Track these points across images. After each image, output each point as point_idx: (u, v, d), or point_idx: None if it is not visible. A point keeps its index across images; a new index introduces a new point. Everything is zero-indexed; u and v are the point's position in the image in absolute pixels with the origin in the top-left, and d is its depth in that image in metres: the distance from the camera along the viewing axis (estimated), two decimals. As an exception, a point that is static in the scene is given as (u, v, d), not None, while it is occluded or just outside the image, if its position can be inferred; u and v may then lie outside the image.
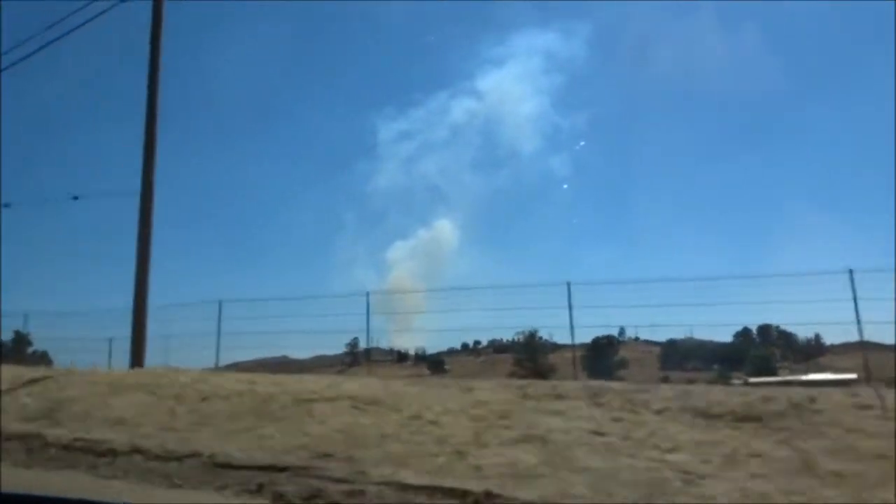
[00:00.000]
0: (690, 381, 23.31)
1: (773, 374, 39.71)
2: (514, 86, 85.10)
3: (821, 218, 78.32)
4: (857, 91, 74.89)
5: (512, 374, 35.19)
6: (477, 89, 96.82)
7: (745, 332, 51.48)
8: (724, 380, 34.04)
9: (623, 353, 52.46)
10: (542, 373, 35.87)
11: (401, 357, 67.32)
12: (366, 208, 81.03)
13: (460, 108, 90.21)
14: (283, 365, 27.58)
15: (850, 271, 13.99)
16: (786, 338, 52.46)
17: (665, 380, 18.81)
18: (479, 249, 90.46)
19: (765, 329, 53.90)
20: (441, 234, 79.16)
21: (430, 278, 72.11)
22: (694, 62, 77.25)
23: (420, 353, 63.29)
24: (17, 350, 23.53)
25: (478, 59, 79.21)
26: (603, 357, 46.83)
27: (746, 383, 23.08)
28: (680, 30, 72.73)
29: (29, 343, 24.33)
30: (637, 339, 56.41)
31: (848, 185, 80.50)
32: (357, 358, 63.47)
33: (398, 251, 75.93)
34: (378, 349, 60.51)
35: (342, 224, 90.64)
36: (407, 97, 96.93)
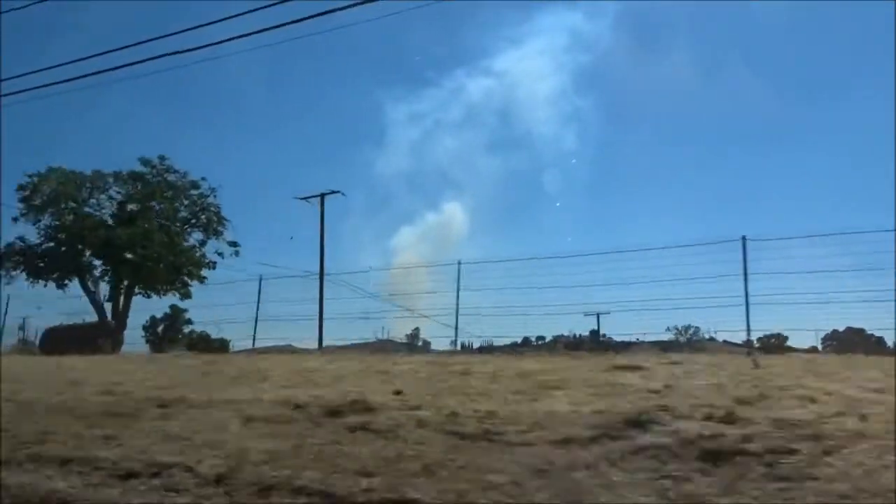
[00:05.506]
0: None
1: None
2: (533, 65, 79.30)
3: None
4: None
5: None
6: (494, 68, 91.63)
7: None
8: None
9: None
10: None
11: (464, 348, 65.97)
12: (373, 191, 76.77)
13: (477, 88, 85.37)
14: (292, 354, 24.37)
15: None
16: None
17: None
18: (491, 235, 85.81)
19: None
20: (451, 218, 75.05)
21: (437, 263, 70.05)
22: (726, 49, 68.83)
23: (486, 344, 61.85)
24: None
25: (496, 36, 74.21)
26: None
27: None
28: (714, 14, 65.54)
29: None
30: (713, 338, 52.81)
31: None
32: (416, 348, 62.96)
33: (404, 236, 72.43)
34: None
35: (348, 207, 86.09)
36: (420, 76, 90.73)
